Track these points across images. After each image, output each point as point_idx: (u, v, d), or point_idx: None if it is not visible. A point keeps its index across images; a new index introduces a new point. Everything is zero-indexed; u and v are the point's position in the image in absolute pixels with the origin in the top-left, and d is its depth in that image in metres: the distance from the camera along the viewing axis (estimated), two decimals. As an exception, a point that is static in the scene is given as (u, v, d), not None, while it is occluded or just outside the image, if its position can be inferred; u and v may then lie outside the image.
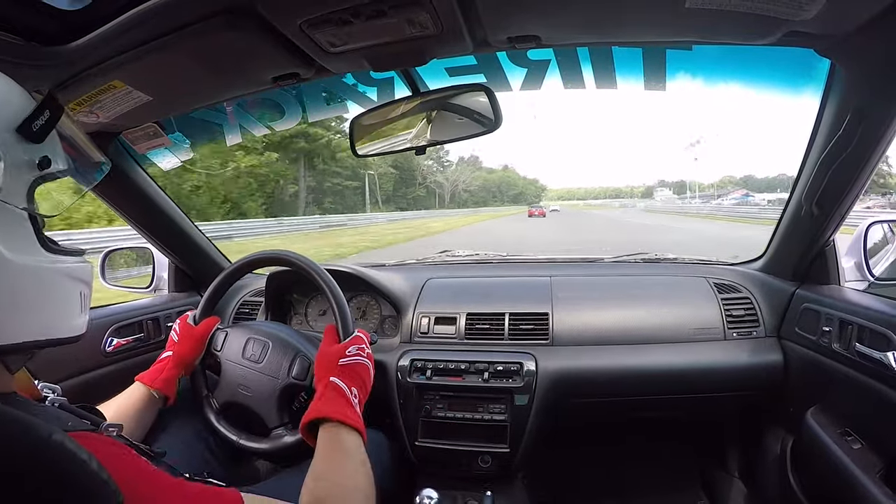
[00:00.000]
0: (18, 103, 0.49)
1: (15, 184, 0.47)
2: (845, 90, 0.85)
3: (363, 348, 0.81)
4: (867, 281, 1.12)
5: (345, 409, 0.70)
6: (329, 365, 0.77)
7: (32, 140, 0.48)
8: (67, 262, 0.53)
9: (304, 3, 0.65)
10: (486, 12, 0.70)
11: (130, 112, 0.93)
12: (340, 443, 0.67)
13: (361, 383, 0.76)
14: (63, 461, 0.37)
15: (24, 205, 0.48)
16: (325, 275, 0.92)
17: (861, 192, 0.95)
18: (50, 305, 0.51)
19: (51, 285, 0.51)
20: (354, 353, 0.79)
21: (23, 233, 0.48)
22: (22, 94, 0.50)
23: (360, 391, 0.75)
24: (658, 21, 0.76)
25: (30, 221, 0.49)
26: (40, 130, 0.49)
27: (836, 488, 0.93)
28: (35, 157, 0.49)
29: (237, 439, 0.89)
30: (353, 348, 0.80)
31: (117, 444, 0.50)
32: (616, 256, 1.60)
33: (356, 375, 0.76)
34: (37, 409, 0.50)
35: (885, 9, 0.65)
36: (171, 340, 0.92)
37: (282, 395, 0.88)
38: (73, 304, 0.54)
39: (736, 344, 1.19)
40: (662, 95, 1.05)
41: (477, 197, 79.19)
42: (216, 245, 1.52)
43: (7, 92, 0.49)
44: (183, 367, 0.89)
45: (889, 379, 0.81)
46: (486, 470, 1.18)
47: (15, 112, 0.48)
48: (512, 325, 1.24)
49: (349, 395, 0.72)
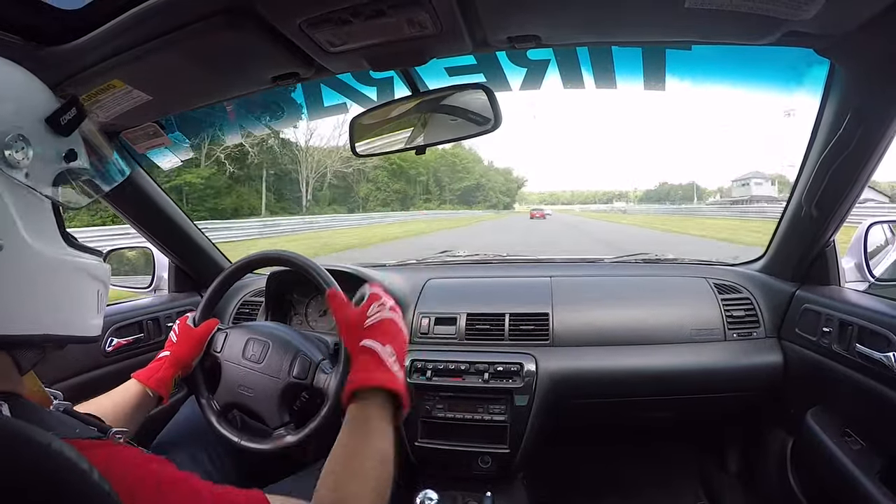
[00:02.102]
0: (45, 98, 0.50)
1: (41, 172, 0.48)
2: (845, 90, 0.85)
3: (383, 303, 0.74)
4: (867, 281, 1.12)
5: (379, 372, 0.65)
6: (355, 332, 0.71)
7: (60, 133, 0.49)
8: (88, 259, 0.53)
9: (303, 2, 0.65)
10: (485, 12, 0.70)
11: (130, 112, 0.93)
12: (365, 426, 0.62)
13: (394, 337, 0.70)
14: (63, 472, 0.36)
15: (48, 193, 0.48)
16: (326, 275, 0.92)
17: (861, 193, 0.95)
18: (67, 300, 0.51)
19: (70, 279, 0.51)
20: (376, 309, 0.72)
21: (46, 223, 0.49)
22: (47, 91, 0.51)
23: (396, 347, 0.69)
24: (657, 21, 0.76)
25: (53, 213, 0.50)
26: (67, 125, 0.50)
27: (836, 489, 0.93)
28: (62, 150, 0.50)
29: (238, 440, 0.88)
30: (374, 306, 0.73)
31: (128, 449, 0.49)
32: (616, 256, 1.60)
33: (387, 332, 0.70)
34: (45, 414, 0.49)
35: (885, 8, 0.65)
36: (170, 340, 0.92)
37: (283, 395, 0.88)
38: (90, 303, 0.54)
39: (736, 344, 1.18)
40: (657, 95, 1.04)
41: (387, 192, 45.51)
42: (216, 245, 1.52)
43: (35, 87, 0.50)
44: (179, 367, 0.89)
45: (889, 380, 0.81)
46: (486, 470, 1.18)
47: (43, 104, 0.49)
48: (512, 326, 1.24)
49: (384, 354, 0.67)
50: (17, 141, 0.45)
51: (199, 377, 0.94)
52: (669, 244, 12.64)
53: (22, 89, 0.49)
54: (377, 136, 1.03)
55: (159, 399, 0.86)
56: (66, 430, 0.49)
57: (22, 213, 0.45)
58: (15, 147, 0.45)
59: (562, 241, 15.61)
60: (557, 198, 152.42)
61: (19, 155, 0.45)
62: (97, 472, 0.37)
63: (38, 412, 0.48)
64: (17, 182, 0.45)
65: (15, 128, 0.45)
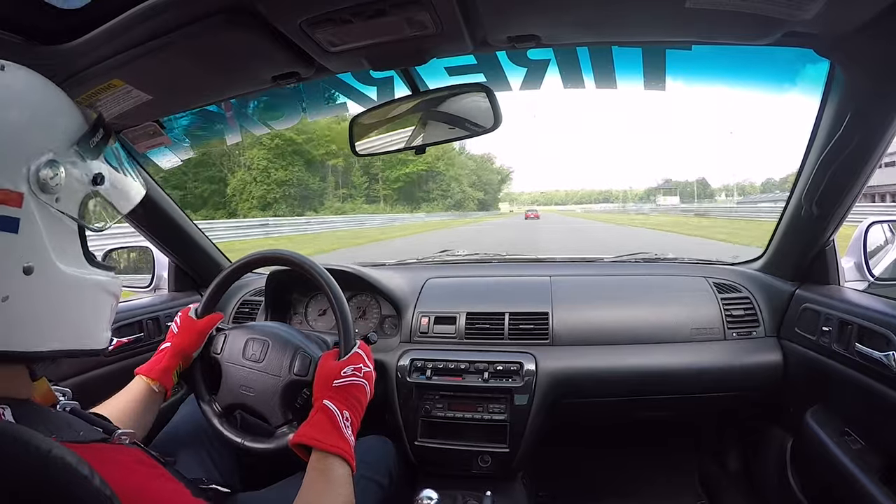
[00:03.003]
0: (74, 118, 0.50)
1: (71, 196, 0.49)
2: (845, 90, 0.85)
3: (360, 368, 0.80)
4: (867, 281, 1.12)
5: (331, 437, 0.71)
6: (324, 385, 0.77)
7: (90, 156, 0.50)
8: (105, 276, 0.54)
9: (303, 2, 0.65)
10: (485, 12, 0.70)
11: (130, 111, 0.93)
12: (326, 472, 0.68)
13: (354, 404, 0.76)
14: (63, 479, 0.36)
15: (76, 216, 0.50)
16: (328, 276, 0.91)
17: (861, 193, 0.95)
18: (85, 317, 0.52)
19: (90, 298, 0.52)
20: (350, 373, 0.78)
21: (72, 245, 0.50)
22: (74, 108, 0.51)
23: (352, 413, 0.75)
24: (658, 21, 0.76)
25: (78, 235, 0.51)
26: (96, 147, 0.51)
27: (836, 488, 0.93)
28: (91, 172, 0.51)
29: (242, 441, 0.88)
30: (349, 368, 0.79)
31: (130, 453, 0.50)
32: (616, 256, 1.60)
33: (349, 397, 0.76)
34: (50, 416, 0.50)
35: (885, 9, 0.65)
36: (171, 332, 0.92)
37: (284, 393, 0.88)
38: (104, 317, 0.56)
39: (735, 344, 1.19)
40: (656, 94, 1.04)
41: (268, 185, 29.92)
42: (216, 244, 1.52)
43: (65, 106, 0.50)
44: (180, 357, 0.89)
45: (889, 379, 0.81)
46: (486, 470, 1.18)
47: (73, 126, 0.50)
48: (512, 325, 1.24)
49: (339, 419, 0.73)
50: (50, 166, 0.46)
51: (199, 379, 0.94)
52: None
53: (53, 110, 0.49)
54: (377, 136, 1.03)
55: (164, 393, 0.86)
56: (71, 432, 0.49)
57: (51, 237, 0.47)
58: (47, 172, 0.45)
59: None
60: (550, 198, 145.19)
61: (52, 180, 0.46)
62: (98, 477, 0.38)
63: (42, 414, 0.49)
64: (48, 207, 0.46)
65: (48, 151, 0.46)
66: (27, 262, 0.44)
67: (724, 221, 22.70)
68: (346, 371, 0.78)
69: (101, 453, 0.45)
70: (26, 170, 0.44)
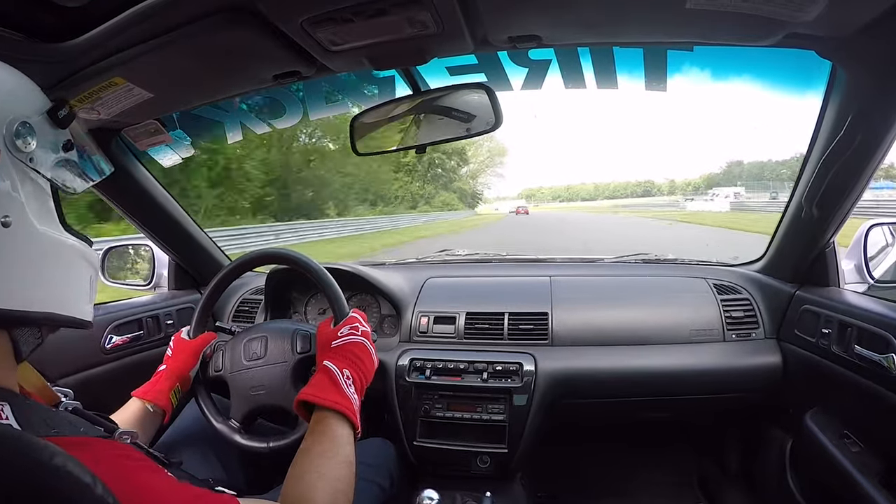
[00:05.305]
0: (41, 97, 0.53)
1: (43, 159, 0.51)
2: (846, 92, 0.85)
3: (356, 327, 0.81)
4: (867, 283, 1.12)
5: (330, 393, 0.70)
6: (323, 349, 0.78)
7: (58, 125, 0.53)
8: (81, 245, 0.55)
9: (304, 1, 0.65)
10: (486, 12, 0.70)
11: (131, 109, 0.93)
12: (325, 432, 0.67)
13: (354, 361, 0.76)
14: (65, 487, 0.35)
15: (50, 176, 0.52)
16: (321, 270, 0.92)
17: (862, 194, 0.95)
18: (66, 281, 0.53)
19: (69, 262, 0.53)
20: (347, 332, 0.79)
21: (47, 206, 0.52)
22: (41, 91, 0.54)
23: (353, 370, 0.74)
24: (659, 22, 0.76)
25: (53, 199, 0.53)
26: (64, 119, 0.53)
27: (835, 490, 0.93)
28: (60, 140, 0.54)
29: (267, 444, 0.87)
30: (345, 328, 0.80)
31: (131, 452, 0.49)
32: (616, 257, 1.60)
33: (348, 354, 0.76)
34: (51, 413, 0.49)
35: (886, 10, 0.65)
36: (166, 356, 0.93)
37: (294, 376, 0.88)
38: (84, 287, 0.56)
39: (735, 345, 1.18)
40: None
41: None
42: (216, 243, 1.52)
43: (33, 86, 0.53)
44: (177, 378, 0.89)
45: (888, 381, 0.81)
46: (485, 470, 1.18)
47: (41, 101, 0.53)
48: (511, 325, 1.24)
49: (339, 377, 0.72)
50: (24, 128, 0.48)
51: (209, 404, 0.93)
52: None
53: (24, 87, 0.52)
54: (378, 135, 1.03)
55: (163, 414, 0.86)
56: (72, 430, 0.49)
57: (27, 196, 0.48)
58: (22, 134, 0.48)
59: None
60: (576, 193, 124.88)
61: (25, 140, 0.48)
62: (101, 484, 0.37)
63: (42, 412, 0.48)
64: (23, 165, 0.48)
65: (22, 117, 0.48)
66: (4, 216, 0.45)
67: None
68: (342, 332, 0.79)
69: (100, 449, 0.45)
70: (2, 128, 0.46)
